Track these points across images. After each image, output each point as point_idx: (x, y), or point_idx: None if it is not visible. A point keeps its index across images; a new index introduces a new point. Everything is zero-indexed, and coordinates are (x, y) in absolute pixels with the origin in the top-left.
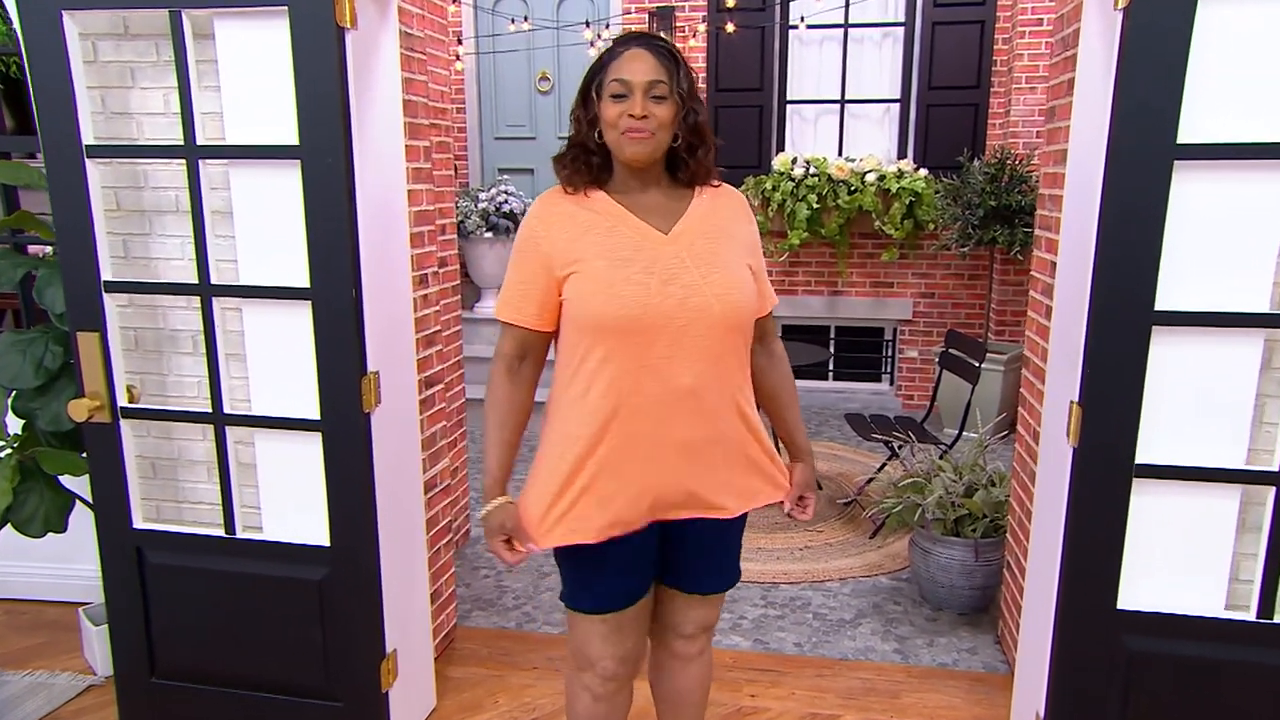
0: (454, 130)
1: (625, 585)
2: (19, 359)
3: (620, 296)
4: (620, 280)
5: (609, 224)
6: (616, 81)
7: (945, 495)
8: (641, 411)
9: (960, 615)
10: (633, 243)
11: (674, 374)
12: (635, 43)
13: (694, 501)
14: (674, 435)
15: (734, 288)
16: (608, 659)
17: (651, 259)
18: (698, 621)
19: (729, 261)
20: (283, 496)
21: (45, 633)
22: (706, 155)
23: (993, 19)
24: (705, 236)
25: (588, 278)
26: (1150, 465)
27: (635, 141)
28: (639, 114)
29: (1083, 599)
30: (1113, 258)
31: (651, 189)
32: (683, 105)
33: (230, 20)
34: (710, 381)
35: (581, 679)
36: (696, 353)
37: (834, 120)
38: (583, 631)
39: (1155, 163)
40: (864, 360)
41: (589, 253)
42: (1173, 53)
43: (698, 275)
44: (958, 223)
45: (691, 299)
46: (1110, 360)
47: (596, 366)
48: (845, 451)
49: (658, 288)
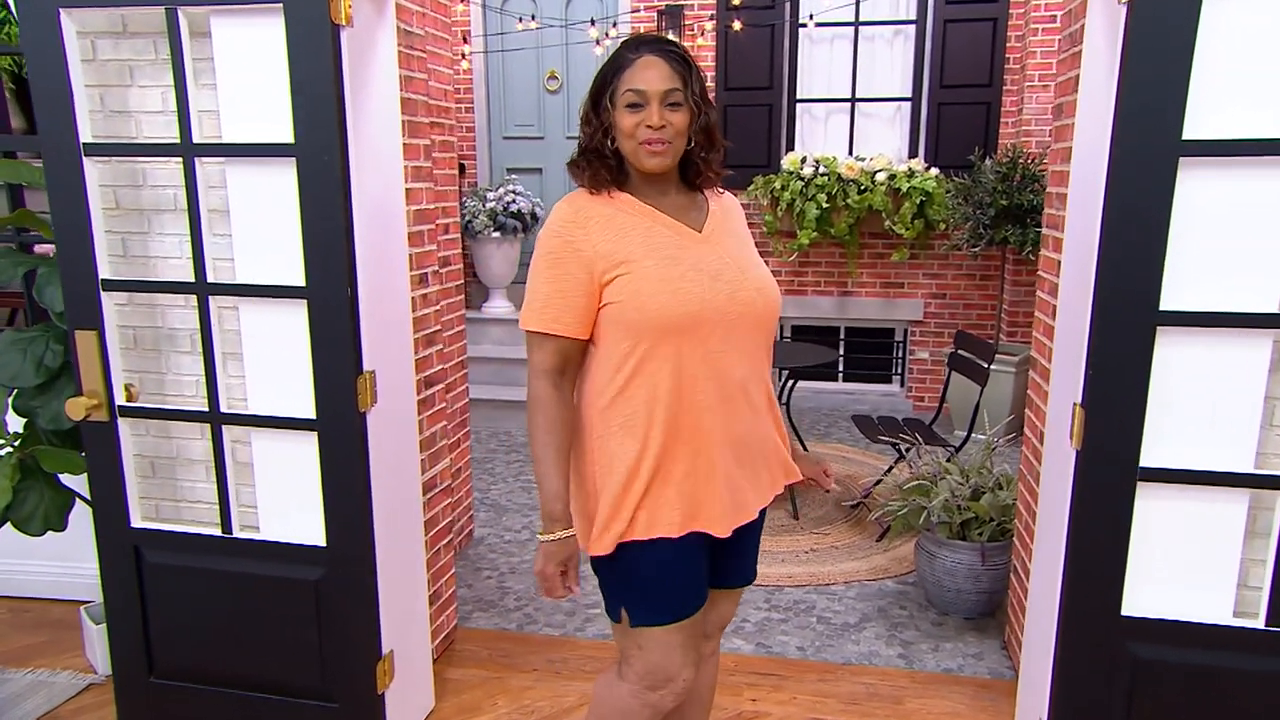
0: (461, 130)
1: (698, 586)
2: (19, 358)
3: (681, 292)
4: (677, 277)
5: (647, 224)
6: (631, 91)
7: (951, 498)
8: (703, 406)
9: (966, 620)
10: (675, 241)
11: (729, 367)
12: (648, 49)
13: (751, 505)
14: (733, 430)
15: (769, 284)
16: (689, 668)
17: (697, 257)
18: (721, 619)
19: (756, 260)
20: (279, 496)
21: (48, 631)
22: (717, 157)
23: (1005, 16)
24: (731, 235)
25: (642, 278)
26: (1155, 469)
27: (653, 155)
28: (657, 124)
29: (1086, 604)
30: (1116, 257)
31: (672, 192)
32: (697, 110)
33: (226, 18)
34: (753, 374)
35: (650, 699)
36: (745, 346)
37: (844, 119)
38: (662, 647)
39: (1160, 159)
40: (874, 361)
41: (636, 253)
42: (1178, 47)
43: (737, 272)
44: (969, 222)
45: (739, 293)
46: (1113, 361)
47: (656, 366)
48: (854, 453)
49: (709, 283)
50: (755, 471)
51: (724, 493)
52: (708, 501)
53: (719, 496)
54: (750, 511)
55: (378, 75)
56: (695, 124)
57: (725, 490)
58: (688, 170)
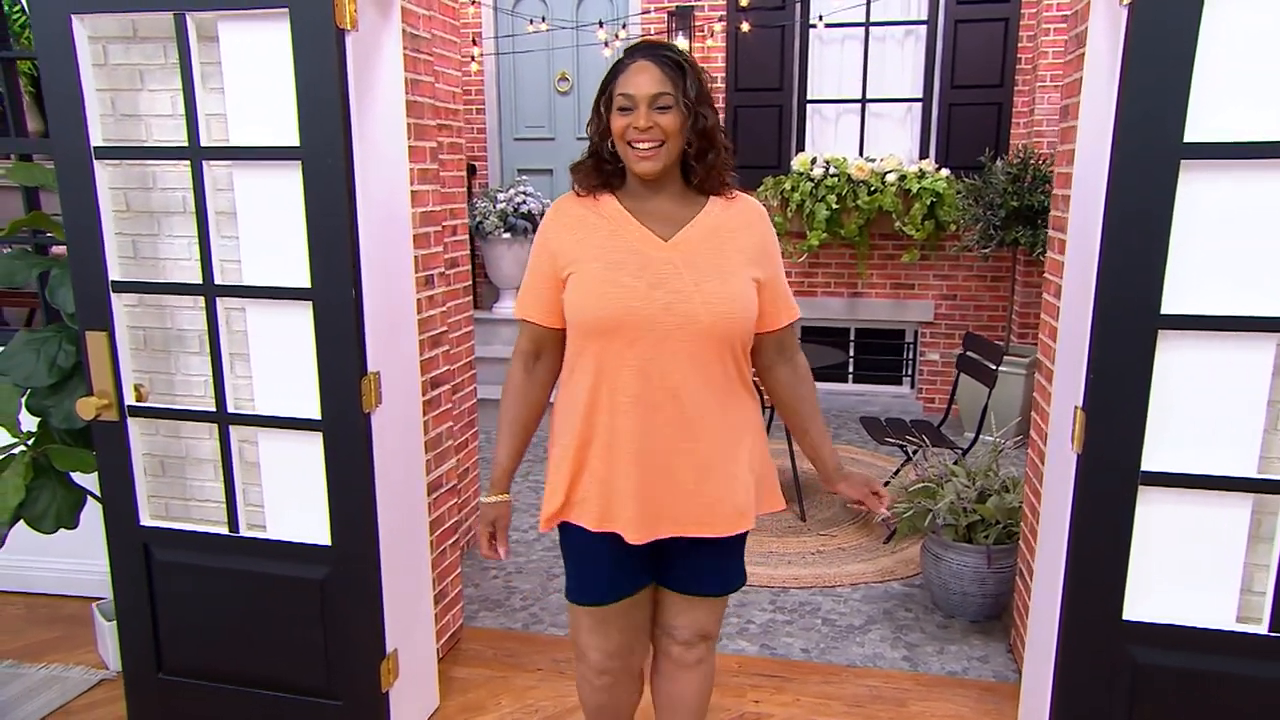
0: (472, 131)
1: (612, 580)
2: (33, 358)
3: (605, 297)
4: (609, 282)
5: (611, 228)
6: (622, 95)
7: (957, 501)
8: (623, 410)
9: (972, 623)
10: (629, 246)
11: (655, 376)
12: (641, 55)
13: (683, 518)
14: (652, 441)
15: (726, 299)
16: (594, 650)
17: (643, 263)
18: (693, 626)
19: (728, 273)
20: (286, 495)
21: (62, 627)
22: (717, 160)
23: (1017, 16)
24: (707, 245)
25: (582, 278)
26: (1157, 473)
27: (642, 159)
28: (643, 125)
29: (1087, 609)
30: (1117, 260)
31: (662, 196)
32: (690, 113)
33: (233, 22)
34: (694, 391)
35: (580, 668)
36: (680, 359)
37: (855, 120)
38: (574, 621)
39: (1161, 162)
40: (885, 363)
41: (587, 255)
42: (1179, 48)
43: (689, 282)
44: (979, 223)
45: (678, 305)
46: (1115, 365)
47: (587, 363)
48: (863, 455)
49: (644, 291)
50: (680, 491)
51: (632, 500)
52: (618, 503)
53: (628, 501)
54: (671, 528)
55: (383, 78)
56: (689, 127)
57: (634, 498)
58: (690, 174)
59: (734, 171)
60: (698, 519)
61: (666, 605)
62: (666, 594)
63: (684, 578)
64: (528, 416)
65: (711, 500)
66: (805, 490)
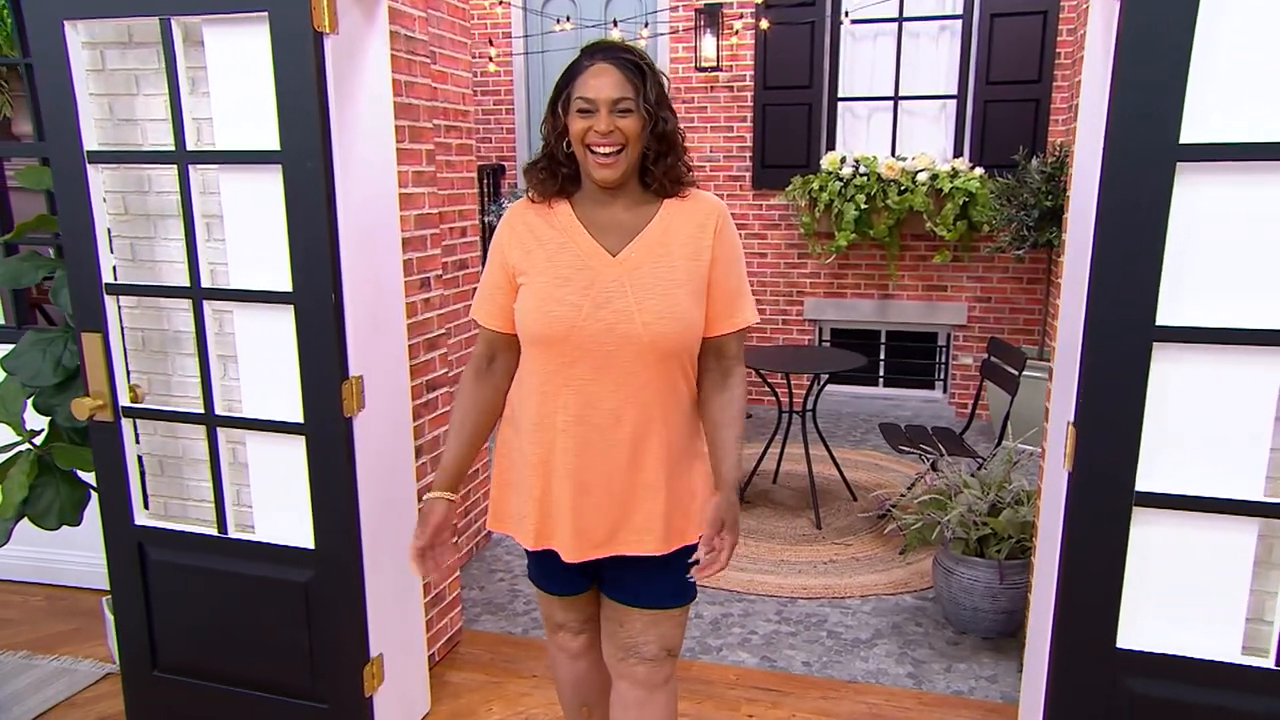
0: (501, 131)
1: (566, 579)
2: (39, 357)
3: (550, 315)
4: (554, 299)
5: (561, 240)
6: (581, 99)
7: (968, 513)
8: (562, 429)
9: (984, 640)
10: (577, 262)
11: (596, 396)
12: (600, 56)
13: (615, 540)
14: (586, 458)
15: (664, 316)
16: (571, 621)
17: (590, 280)
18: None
19: (671, 287)
20: (272, 498)
21: (78, 619)
22: (675, 163)
23: (1056, 9)
24: (653, 259)
25: (529, 292)
26: (1153, 494)
27: (601, 166)
28: (604, 130)
29: (1078, 633)
30: (1109, 268)
31: (617, 203)
32: (650, 117)
33: (217, 27)
34: (635, 410)
35: (555, 641)
36: (622, 378)
37: (887, 118)
38: (545, 601)
39: (1155, 164)
40: (916, 366)
41: (536, 267)
42: (1174, 45)
43: (633, 301)
44: (1012, 224)
45: (620, 325)
46: (1107, 378)
47: (532, 377)
48: (887, 461)
49: (590, 311)
50: (617, 513)
51: (568, 518)
52: (553, 523)
53: (563, 522)
54: (606, 549)
55: (367, 81)
56: (648, 131)
57: (569, 516)
58: (647, 177)
59: (691, 172)
60: (636, 540)
61: (619, 619)
62: (614, 605)
63: (610, 582)
64: (477, 419)
65: (649, 521)
66: (821, 497)
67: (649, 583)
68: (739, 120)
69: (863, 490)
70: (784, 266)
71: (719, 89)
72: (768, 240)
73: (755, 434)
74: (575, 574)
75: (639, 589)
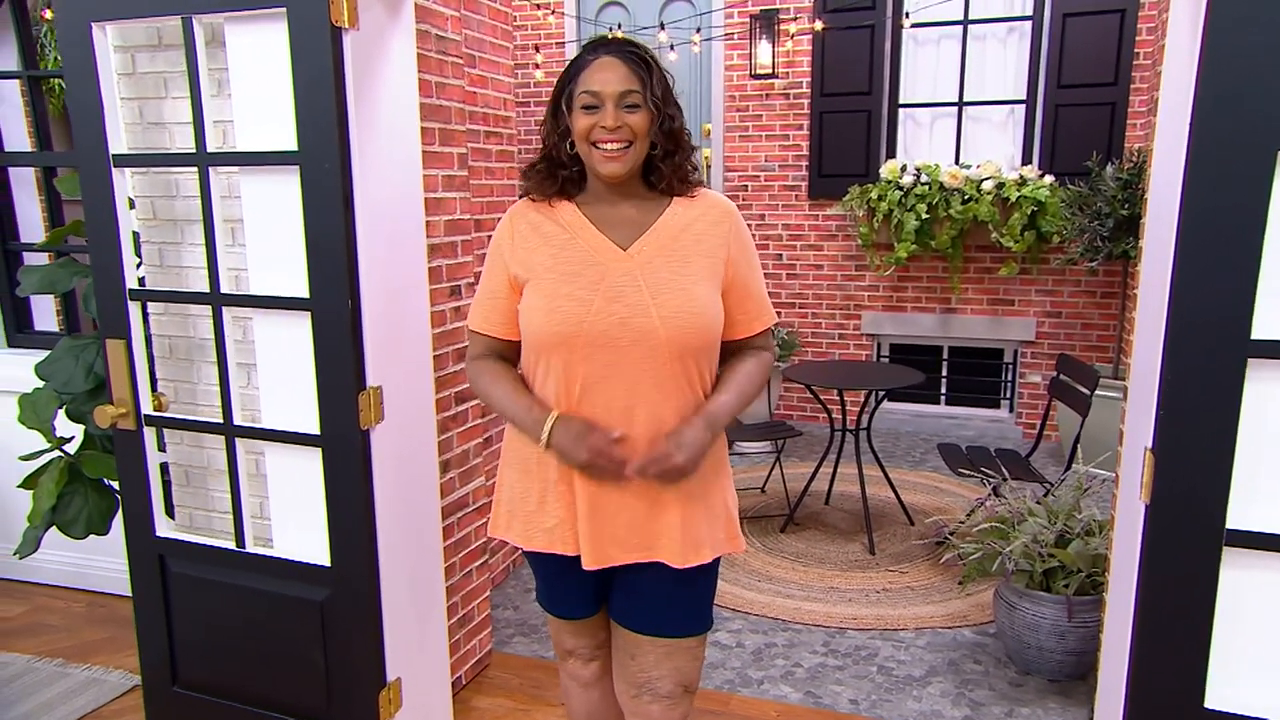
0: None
1: (565, 598)
2: (72, 364)
3: (557, 312)
4: (562, 295)
5: (567, 237)
6: (587, 93)
7: (1033, 544)
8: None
9: (1050, 682)
10: (585, 257)
11: (610, 394)
12: (604, 50)
13: (631, 546)
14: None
15: (685, 311)
16: (582, 647)
17: (599, 275)
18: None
19: (689, 282)
20: (290, 511)
21: (114, 627)
22: (683, 161)
23: (1135, 7)
24: (666, 253)
25: (534, 291)
26: (1249, 532)
27: (608, 160)
28: (611, 125)
29: (1157, 689)
30: (1195, 273)
31: (625, 201)
32: (657, 113)
33: (238, 25)
34: (653, 411)
35: (566, 668)
36: (637, 375)
37: (951, 124)
38: (554, 626)
39: (1251, 152)
40: (980, 384)
41: (541, 266)
42: (1270, 27)
43: (647, 295)
44: (1085, 234)
45: (635, 319)
46: (1190, 400)
47: (541, 380)
48: (948, 484)
49: (600, 305)
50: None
51: (584, 523)
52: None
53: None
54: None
55: (391, 79)
56: (656, 127)
57: (586, 521)
58: (651, 175)
59: (697, 171)
60: (648, 545)
61: (630, 648)
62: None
63: (620, 608)
64: (511, 376)
65: (667, 529)
66: (876, 521)
67: (661, 605)
68: (795, 128)
69: (920, 514)
70: (841, 279)
71: (774, 96)
72: (824, 252)
73: (807, 452)
74: (584, 597)
75: (650, 612)
